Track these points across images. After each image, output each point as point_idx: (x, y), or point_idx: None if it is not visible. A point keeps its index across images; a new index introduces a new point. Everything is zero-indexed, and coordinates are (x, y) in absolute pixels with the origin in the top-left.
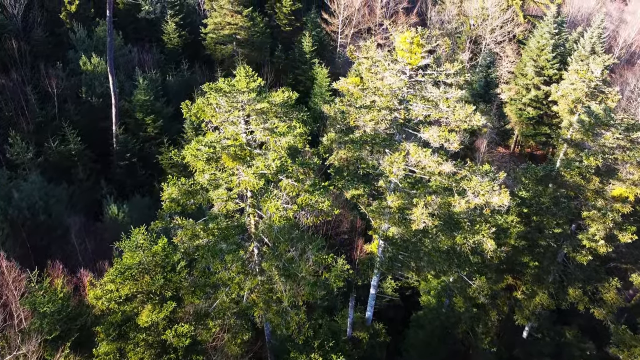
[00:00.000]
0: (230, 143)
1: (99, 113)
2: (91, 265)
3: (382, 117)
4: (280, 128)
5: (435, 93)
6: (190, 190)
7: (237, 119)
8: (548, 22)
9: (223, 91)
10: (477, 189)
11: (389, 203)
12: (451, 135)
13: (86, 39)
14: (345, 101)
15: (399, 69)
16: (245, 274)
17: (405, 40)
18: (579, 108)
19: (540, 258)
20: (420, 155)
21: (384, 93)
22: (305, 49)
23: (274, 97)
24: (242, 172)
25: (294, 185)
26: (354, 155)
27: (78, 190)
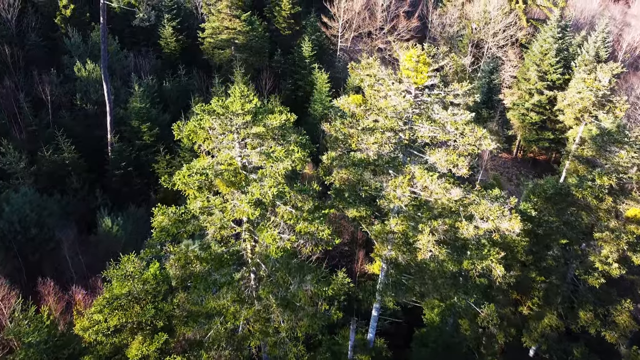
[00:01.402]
0: (224, 168)
1: (94, 120)
2: (84, 282)
3: (386, 140)
4: (277, 152)
5: (442, 115)
6: (181, 220)
7: (231, 143)
8: (552, 26)
9: (216, 113)
10: (486, 214)
11: (392, 227)
12: (460, 160)
13: (81, 44)
14: (347, 123)
15: (404, 88)
16: (240, 302)
17: (411, 58)
18: (586, 117)
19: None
20: (426, 180)
21: (388, 115)
22: (305, 54)
23: (270, 120)
24: (236, 200)
25: (291, 213)
26: (355, 176)
27: (72, 200)
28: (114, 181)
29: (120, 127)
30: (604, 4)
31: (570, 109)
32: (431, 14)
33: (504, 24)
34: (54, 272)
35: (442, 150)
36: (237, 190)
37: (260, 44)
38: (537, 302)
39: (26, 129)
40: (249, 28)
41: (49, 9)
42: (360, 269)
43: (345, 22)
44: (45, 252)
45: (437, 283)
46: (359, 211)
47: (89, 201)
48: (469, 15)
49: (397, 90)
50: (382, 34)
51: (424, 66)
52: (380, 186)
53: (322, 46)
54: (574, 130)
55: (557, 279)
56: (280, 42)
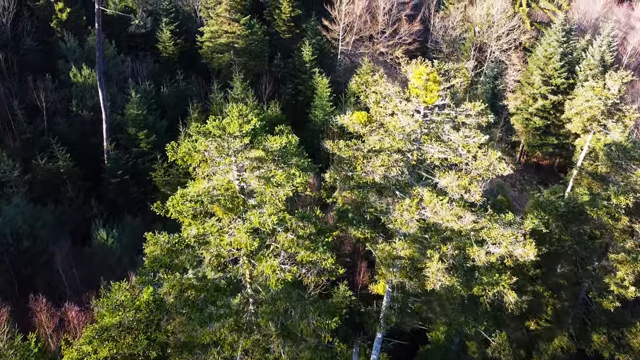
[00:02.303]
0: (220, 192)
1: (89, 127)
2: (78, 296)
3: (393, 163)
4: (277, 177)
5: (453, 137)
6: (175, 250)
7: (228, 167)
8: (556, 29)
9: (212, 135)
10: (498, 239)
11: (398, 252)
12: (472, 185)
13: (77, 49)
14: (352, 145)
15: (413, 108)
16: (239, 331)
17: (420, 76)
18: (594, 126)
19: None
20: (436, 206)
21: (396, 137)
22: (305, 58)
23: (270, 142)
24: (233, 229)
25: (292, 240)
26: (359, 197)
27: (67, 209)
28: (110, 190)
29: (116, 134)
30: (608, 6)
31: (578, 117)
32: (433, 17)
33: (508, 27)
34: (46, 287)
35: (452, 173)
36: (235, 216)
37: (260, 48)
38: (545, 317)
39: (20, 136)
40: (249, 32)
41: (45, 12)
42: (362, 281)
43: (346, 25)
44: (38, 265)
45: (445, 308)
46: (363, 233)
47: (84, 211)
48: (472, 19)
49: (406, 110)
50: (383, 37)
51: (434, 84)
52: (386, 208)
53: (323, 50)
54: (582, 139)
55: (569, 298)
56: (280, 45)
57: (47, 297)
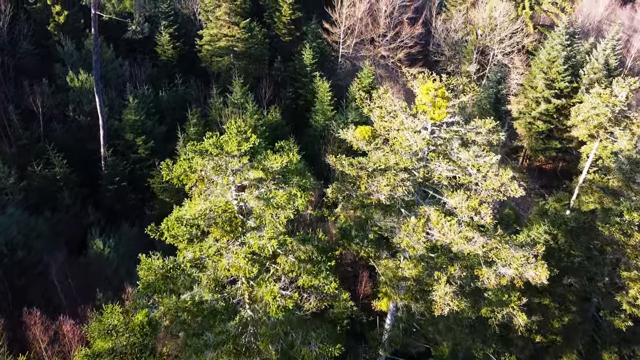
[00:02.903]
0: (218, 213)
1: (87, 132)
2: (73, 308)
3: (399, 182)
4: (278, 198)
5: (463, 155)
6: (169, 276)
7: (226, 187)
8: (559, 33)
9: (209, 154)
10: (509, 261)
11: (404, 272)
12: (482, 207)
13: (75, 52)
14: (356, 164)
15: (420, 126)
16: (237, 355)
17: (428, 92)
18: (601, 133)
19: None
20: (444, 227)
21: (403, 156)
22: (306, 61)
23: (271, 162)
24: (231, 254)
25: (294, 264)
26: (363, 215)
27: (63, 217)
28: (108, 197)
29: (114, 140)
30: (611, 7)
31: (584, 124)
32: (435, 20)
33: (510, 30)
34: (41, 298)
35: (461, 193)
36: (233, 237)
37: (260, 52)
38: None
39: (16, 142)
40: (248, 35)
41: (42, 15)
42: (364, 291)
43: (347, 28)
44: (32, 276)
45: (452, 330)
46: (366, 252)
47: (80, 218)
48: (474, 21)
49: (413, 128)
50: (385, 41)
51: (443, 101)
52: (391, 227)
53: (324, 53)
54: (588, 146)
55: (577, 314)
56: (281, 48)
57: (41, 310)
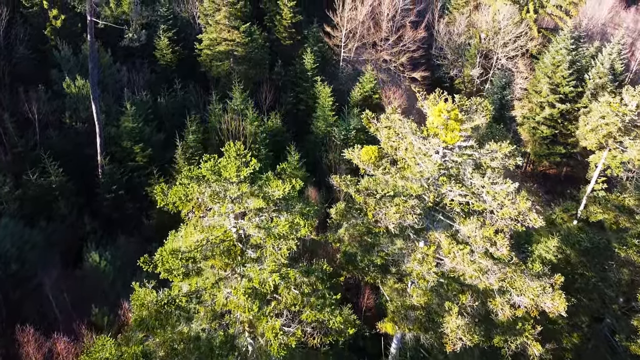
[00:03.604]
0: (216, 243)
1: (83, 139)
2: (68, 324)
3: (409, 210)
4: (280, 228)
5: (477, 181)
6: (163, 312)
7: (224, 216)
8: (564, 37)
9: (207, 180)
10: (524, 291)
11: (412, 300)
12: (498, 237)
13: (71, 58)
14: (363, 190)
15: (432, 151)
16: None
17: (440, 113)
18: (610, 143)
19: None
20: (457, 257)
21: (413, 183)
22: (307, 66)
23: (272, 188)
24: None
25: (296, 297)
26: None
27: (59, 227)
28: (105, 206)
29: (111, 147)
30: (614, 10)
31: (593, 134)
32: (437, 23)
33: (515, 34)
34: (36, 314)
35: (474, 219)
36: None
37: (260, 56)
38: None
39: (11, 150)
40: (248, 39)
41: (39, 19)
42: (367, 304)
43: (349, 31)
44: (27, 289)
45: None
46: (373, 278)
47: (77, 228)
48: (477, 25)
49: (424, 152)
50: (387, 45)
51: (456, 123)
52: (399, 251)
53: (325, 57)
54: (597, 155)
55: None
56: (281, 52)
57: (35, 326)
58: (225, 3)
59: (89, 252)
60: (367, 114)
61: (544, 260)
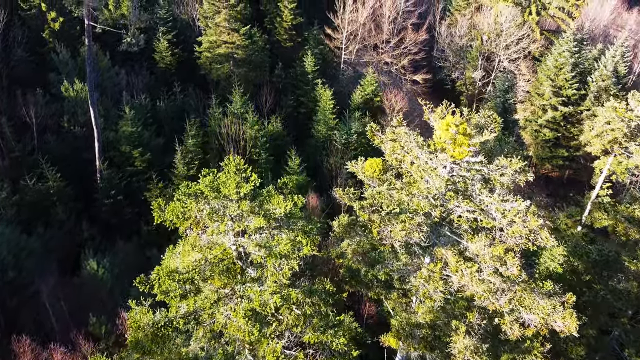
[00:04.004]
0: (215, 262)
1: (82, 143)
2: (65, 334)
3: (416, 227)
4: (281, 247)
5: (486, 198)
6: (160, 335)
7: (223, 233)
8: (567, 39)
9: (205, 197)
10: (534, 310)
11: (418, 318)
12: (508, 255)
13: (70, 61)
14: (367, 207)
15: (440, 165)
16: None
17: (448, 128)
18: (615, 149)
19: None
20: (465, 276)
21: (420, 201)
22: (307, 69)
23: (273, 205)
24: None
25: (298, 317)
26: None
27: (57, 233)
28: (103, 211)
29: (110, 151)
30: (616, 11)
31: (598, 139)
32: (439, 25)
33: (517, 36)
34: (32, 323)
35: (482, 236)
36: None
37: (261, 58)
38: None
39: (9, 155)
40: (248, 42)
41: (37, 22)
42: (368, 311)
43: (350, 34)
44: (24, 297)
45: None
46: (377, 294)
47: (75, 234)
48: (479, 26)
49: (432, 168)
50: (388, 47)
51: (464, 138)
52: (404, 267)
53: (325, 59)
54: (602, 161)
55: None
56: (282, 54)
57: (32, 336)
58: (225, 5)
59: (86, 259)
60: (371, 126)
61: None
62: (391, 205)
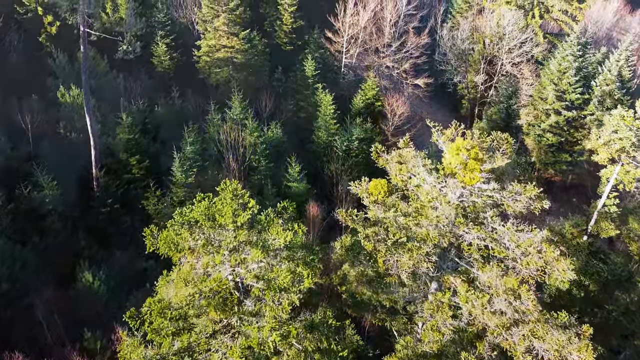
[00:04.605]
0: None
1: (78, 150)
2: (59, 352)
3: (424, 257)
4: (281, 279)
5: (499, 227)
6: None
7: (219, 265)
8: (571, 43)
9: (200, 226)
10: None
11: (424, 346)
12: (522, 288)
13: (67, 66)
14: (372, 235)
15: (450, 193)
16: None
17: (458, 152)
18: (623, 158)
19: None
20: (476, 307)
21: (430, 231)
22: (308, 73)
23: (272, 234)
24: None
25: (299, 353)
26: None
27: (52, 242)
28: (100, 219)
29: (107, 159)
30: (619, 14)
31: (605, 148)
32: (440, 28)
33: (520, 39)
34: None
35: (494, 266)
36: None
37: (260, 62)
38: None
39: (3, 163)
40: (248, 46)
41: (34, 26)
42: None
43: (351, 37)
44: (18, 309)
45: None
46: (381, 320)
47: (70, 243)
48: (482, 29)
49: (442, 196)
50: (390, 51)
51: (476, 163)
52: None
53: (326, 63)
54: (609, 170)
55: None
56: (282, 58)
57: (25, 352)
58: (225, 9)
59: (82, 271)
60: (376, 147)
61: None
62: (398, 233)
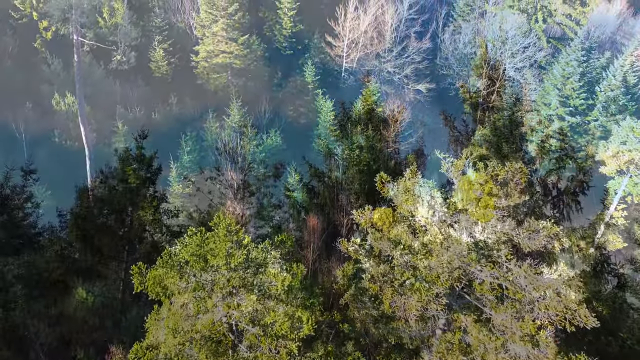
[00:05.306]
0: (201, 341)
1: (73, 158)
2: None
3: (433, 298)
4: (278, 325)
5: (514, 267)
6: None
7: (211, 310)
8: (575, 48)
9: (190, 267)
10: None
11: None
12: (541, 334)
13: (61, 72)
14: (378, 276)
15: (463, 233)
16: None
17: (470, 187)
18: (631, 169)
19: None
20: (489, 352)
21: (440, 277)
22: (308, 78)
23: (269, 277)
24: None
25: None
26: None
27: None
28: (95, 231)
29: (102, 168)
30: (622, 17)
31: (614, 160)
32: (442, 32)
33: (522, 44)
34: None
35: (508, 307)
36: None
37: (259, 68)
38: None
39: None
40: (247, 51)
41: (29, 31)
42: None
43: (351, 41)
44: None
45: None
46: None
47: (64, 256)
48: (484, 33)
49: (454, 235)
50: (391, 56)
51: (490, 198)
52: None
53: (326, 67)
54: (616, 181)
55: None
56: (281, 62)
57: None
58: (223, 14)
59: (75, 286)
60: (380, 176)
61: None
62: (406, 273)
